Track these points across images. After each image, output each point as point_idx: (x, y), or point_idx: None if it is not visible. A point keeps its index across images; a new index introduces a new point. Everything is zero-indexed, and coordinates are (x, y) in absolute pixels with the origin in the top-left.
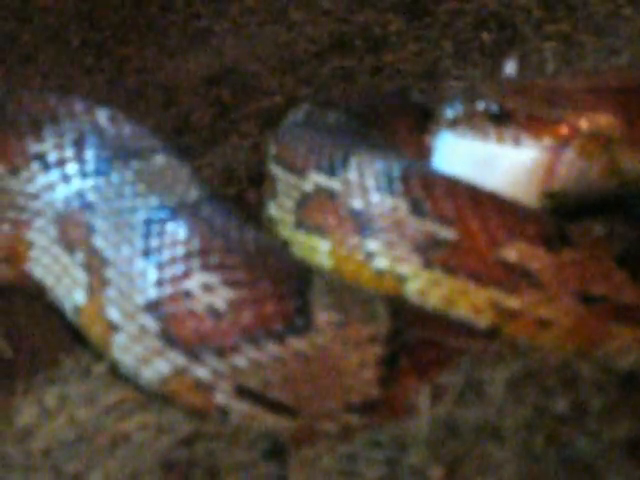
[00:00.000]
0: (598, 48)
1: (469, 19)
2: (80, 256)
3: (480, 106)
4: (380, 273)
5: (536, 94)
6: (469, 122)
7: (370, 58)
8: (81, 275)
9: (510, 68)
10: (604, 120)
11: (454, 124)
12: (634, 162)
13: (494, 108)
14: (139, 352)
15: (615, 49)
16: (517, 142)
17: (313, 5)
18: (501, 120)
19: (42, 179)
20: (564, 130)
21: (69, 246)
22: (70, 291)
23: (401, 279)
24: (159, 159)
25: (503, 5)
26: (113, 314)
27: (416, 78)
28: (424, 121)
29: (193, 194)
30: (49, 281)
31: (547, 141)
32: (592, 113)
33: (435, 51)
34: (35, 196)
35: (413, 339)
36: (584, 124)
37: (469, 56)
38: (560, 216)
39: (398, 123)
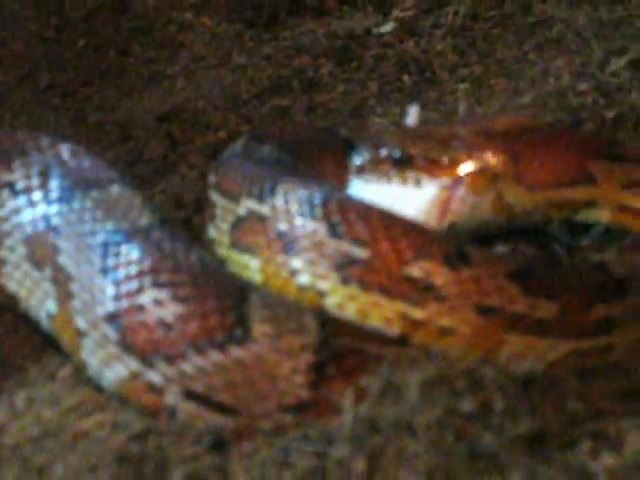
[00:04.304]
0: (506, 89)
1: (392, 63)
2: (48, 272)
3: (383, 152)
4: (303, 288)
5: (432, 139)
6: (374, 168)
7: (304, 98)
8: (50, 288)
9: (412, 115)
10: (490, 158)
11: (361, 171)
12: (519, 197)
13: (396, 154)
14: (101, 357)
15: (521, 90)
16: (418, 183)
17: (254, 51)
18: (403, 164)
19: (11, 204)
20: (456, 169)
21: (37, 263)
22: (43, 302)
23: (321, 294)
24: (115, 188)
25: (422, 51)
26: (80, 322)
27: (345, 116)
28: (349, 154)
29: (145, 220)
30: (22, 293)
31: (444, 180)
32: (480, 152)
33: (362, 91)
34: (5, 219)
35: (339, 348)
36: (473, 162)
37: (392, 96)
38: (472, 240)
39: (326, 156)
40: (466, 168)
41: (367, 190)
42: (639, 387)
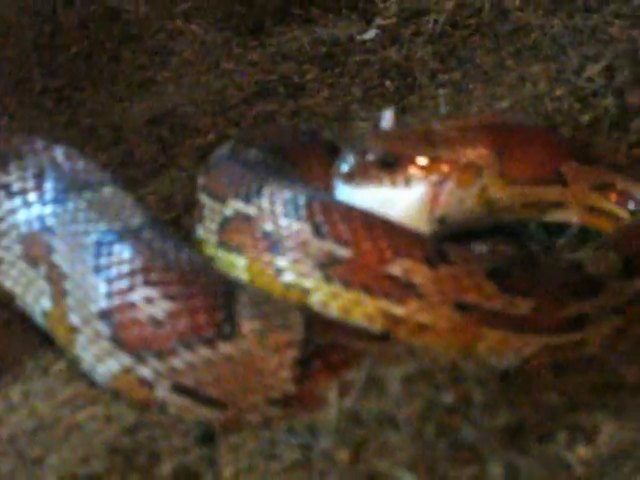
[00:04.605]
0: (484, 94)
1: (374, 69)
2: (43, 270)
3: (371, 157)
4: (288, 286)
5: (416, 138)
6: (364, 173)
7: (290, 103)
8: (45, 286)
9: (387, 119)
10: (475, 152)
11: (350, 177)
12: (501, 191)
13: (384, 157)
14: (95, 352)
15: (499, 95)
16: (408, 182)
17: (242, 57)
18: (391, 166)
19: (7, 205)
20: (444, 165)
21: (33, 261)
22: (38, 299)
23: (305, 291)
24: (107, 190)
25: (403, 57)
26: (74, 319)
27: (329, 120)
28: (333, 156)
29: (137, 220)
30: (18, 290)
31: (432, 177)
32: (465, 147)
33: (345, 96)
34: (1, 219)
35: (324, 343)
36: (460, 157)
37: (374, 101)
38: (453, 239)
39: (310, 158)
40: (453, 163)
41: (356, 195)
42: (613, 380)
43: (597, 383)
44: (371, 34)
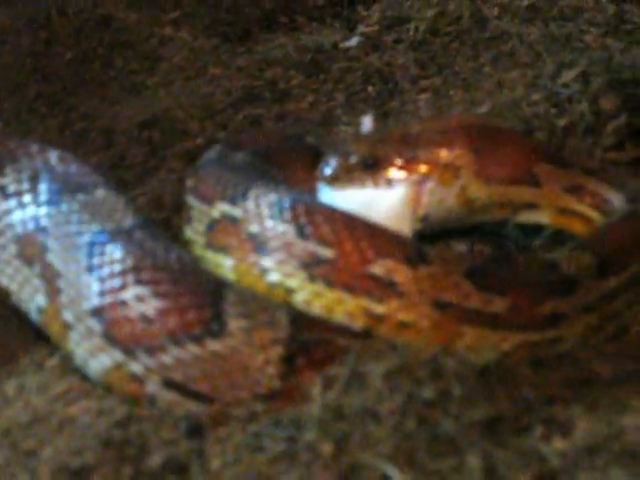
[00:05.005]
0: (463, 99)
1: (357, 75)
2: (38, 269)
3: (353, 159)
4: (272, 285)
5: (397, 140)
6: (347, 176)
7: (276, 107)
8: (40, 284)
9: (367, 125)
10: (453, 153)
11: (333, 180)
12: (480, 191)
13: (366, 159)
14: (87, 348)
15: (477, 100)
16: (390, 183)
17: (229, 63)
18: (373, 168)
19: (3, 206)
20: (425, 165)
21: (28, 260)
22: (33, 296)
23: (289, 291)
24: (100, 192)
25: (385, 64)
26: (67, 316)
27: (314, 124)
28: (317, 160)
29: (128, 221)
30: (14, 288)
31: (413, 177)
32: (445, 148)
33: (329, 101)
34: None
35: (308, 340)
36: (438, 158)
37: (357, 106)
38: (432, 238)
39: (295, 162)
40: (433, 163)
41: (339, 197)
42: (587, 376)
43: (572, 378)
44: (354, 41)
